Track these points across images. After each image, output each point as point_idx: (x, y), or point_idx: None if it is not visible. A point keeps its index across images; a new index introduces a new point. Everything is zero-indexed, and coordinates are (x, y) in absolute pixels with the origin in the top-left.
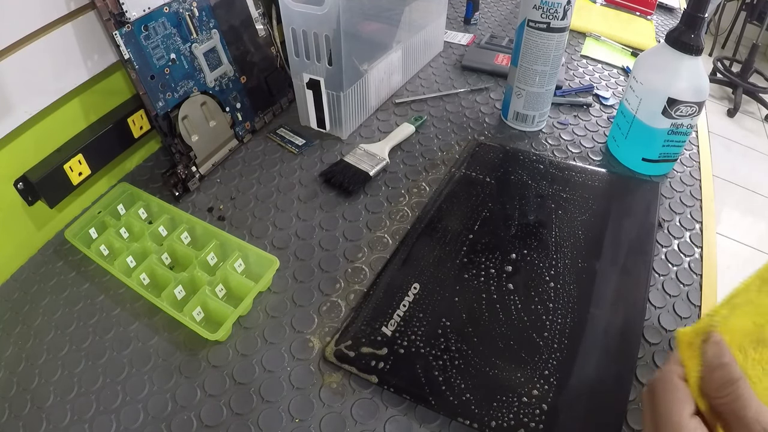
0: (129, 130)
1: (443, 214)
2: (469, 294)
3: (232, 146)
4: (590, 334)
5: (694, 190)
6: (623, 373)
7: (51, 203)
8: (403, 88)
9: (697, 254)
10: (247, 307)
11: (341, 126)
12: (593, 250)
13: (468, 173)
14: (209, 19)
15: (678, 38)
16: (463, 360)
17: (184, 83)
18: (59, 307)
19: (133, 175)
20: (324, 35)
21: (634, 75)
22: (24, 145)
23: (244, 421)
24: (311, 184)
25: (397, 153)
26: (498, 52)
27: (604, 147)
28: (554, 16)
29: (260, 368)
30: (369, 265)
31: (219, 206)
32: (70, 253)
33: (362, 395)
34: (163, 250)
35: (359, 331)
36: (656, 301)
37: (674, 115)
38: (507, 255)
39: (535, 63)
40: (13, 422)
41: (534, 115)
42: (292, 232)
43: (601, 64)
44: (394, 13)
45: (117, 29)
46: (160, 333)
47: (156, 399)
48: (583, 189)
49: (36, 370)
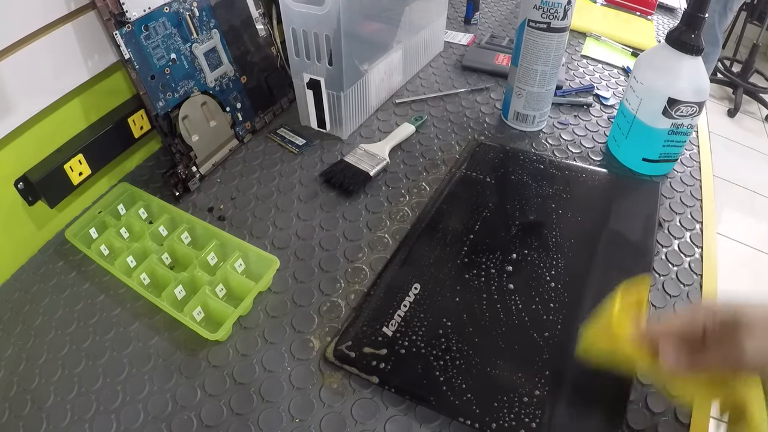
0: (129, 130)
1: (444, 214)
2: (470, 294)
3: (233, 146)
4: None
5: (694, 190)
6: (623, 374)
7: (51, 203)
8: (404, 88)
9: (698, 254)
10: (248, 307)
11: (341, 126)
12: (594, 250)
13: (468, 173)
14: (209, 19)
15: (678, 38)
16: (464, 360)
17: (185, 83)
18: (59, 307)
19: (134, 175)
20: (324, 35)
21: (634, 75)
22: (24, 145)
23: (244, 421)
24: (311, 184)
25: (398, 153)
26: (498, 52)
27: (605, 147)
28: (554, 16)
29: (260, 368)
30: (369, 265)
31: (219, 206)
32: (70, 253)
33: (362, 395)
34: (163, 250)
35: (360, 331)
36: (656, 301)
37: (674, 115)
38: (507, 255)
39: (535, 63)
40: (14, 422)
41: (534, 115)
42: (292, 232)
43: (602, 64)
44: (394, 13)
45: (117, 29)
46: (160, 333)
47: (156, 399)
48: (584, 189)
49: (36, 370)
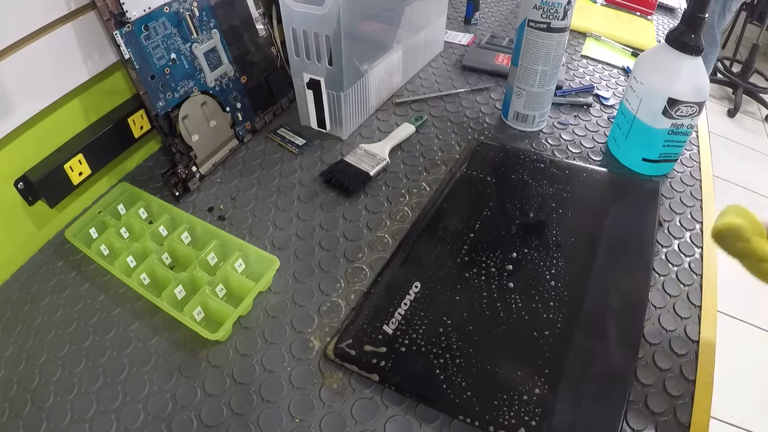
0: (129, 130)
1: (444, 213)
2: (470, 293)
3: (233, 146)
4: (590, 333)
5: (694, 190)
6: (623, 373)
7: (51, 203)
8: (404, 88)
9: (698, 254)
10: (248, 307)
11: (341, 126)
12: (593, 250)
13: (468, 173)
14: (209, 19)
15: (678, 38)
16: (464, 358)
17: (185, 83)
18: (59, 306)
19: (134, 175)
20: (324, 35)
21: (634, 75)
22: (24, 145)
23: (245, 421)
24: (311, 184)
25: (398, 153)
26: (498, 52)
27: (605, 147)
28: (554, 16)
29: (260, 368)
30: (369, 265)
31: (219, 206)
32: (70, 253)
33: (362, 395)
34: (163, 250)
35: (360, 329)
36: (656, 301)
37: (674, 115)
38: (507, 254)
39: (535, 63)
40: (14, 422)
41: (534, 115)
42: (292, 232)
43: (602, 64)
44: (394, 13)
45: (117, 29)
46: (160, 333)
47: (156, 399)
48: (584, 189)
49: (36, 369)
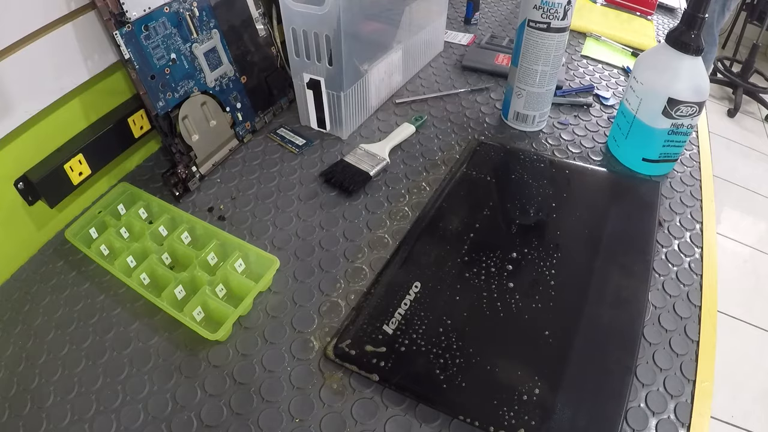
0: (129, 130)
1: (444, 213)
2: (470, 292)
3: (233, 146)
4: (590, 333)
5: (694, 190)
6: (623, 373)
7: (51, 203)
8: (404, 88)
9: (697, 254)
10: (248, 307)
11: (341, 126)
12: (593, 250)
13: (468, 173)
14: (209, 19)
15: (678, 38)
16: (464, 358)
17: (185, 83)
18: (59, 306)
19: (134, 175)
20: (324, 35)
21: (634, 75)
22: (24, 145)
23: (245, 421)
24: (311, 184)
25: (398, 153)
26: (498, 52)
27: (605, 147)
28: (554, 16)
29: (260, 368)
30: (369, 265)
31: (219, 206)
32: (70, 253)
33: (363, 395)
34: (163, 250)
35: (360, 329)
36: (656, 301)
37: (674, 115)
38: (508, 254)
39: (535, 63)
40: (14, 422)
41: (534, 115)
42: (292, 231)
43: (602, 64)
44: (394, 13)
45: (117, 29)
46: (160, 333)
47: (156, 399)
48: (584, 189)
49: (36, 369)
